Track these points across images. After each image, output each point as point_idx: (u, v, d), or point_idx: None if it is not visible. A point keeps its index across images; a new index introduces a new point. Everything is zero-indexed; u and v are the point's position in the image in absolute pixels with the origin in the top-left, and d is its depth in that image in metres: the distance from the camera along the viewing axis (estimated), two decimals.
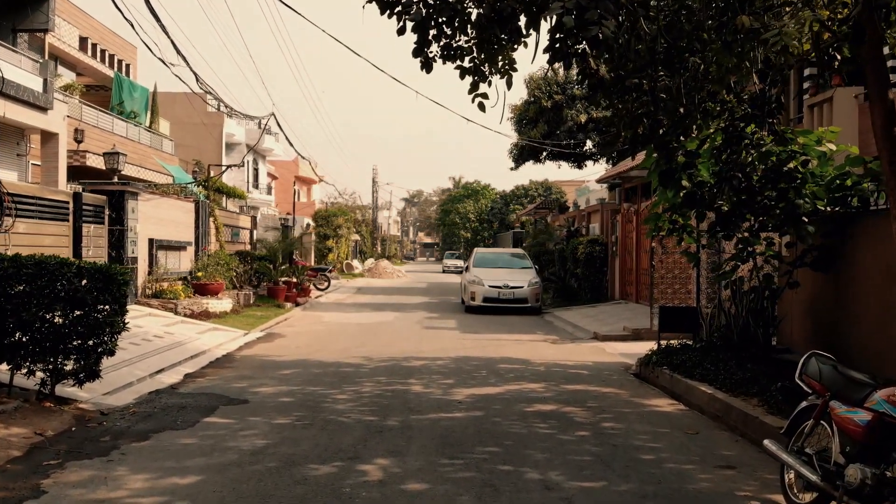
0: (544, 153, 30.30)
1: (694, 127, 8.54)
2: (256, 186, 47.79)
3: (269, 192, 51.48)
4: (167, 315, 14.66)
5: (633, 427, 7.10)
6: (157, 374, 9.69)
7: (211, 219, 19.69)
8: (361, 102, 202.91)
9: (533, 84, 27.37)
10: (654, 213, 10.01)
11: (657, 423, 7.29)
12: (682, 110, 7.82)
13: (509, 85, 7.86)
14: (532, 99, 27.40)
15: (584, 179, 52.02)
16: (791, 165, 8.38)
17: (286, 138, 26.03)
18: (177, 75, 16.62)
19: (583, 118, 25.83)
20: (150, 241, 15.86)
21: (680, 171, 9.15)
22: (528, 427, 7.01)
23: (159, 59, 13.52)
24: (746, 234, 8.96)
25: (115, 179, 15.37)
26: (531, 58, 8.02)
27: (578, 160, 30.49)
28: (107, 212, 14.49)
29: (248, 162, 46.50)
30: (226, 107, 16.92)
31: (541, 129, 27.10)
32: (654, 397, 8.71)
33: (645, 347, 12.61)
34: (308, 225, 39.39)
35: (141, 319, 13.73)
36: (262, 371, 10.09)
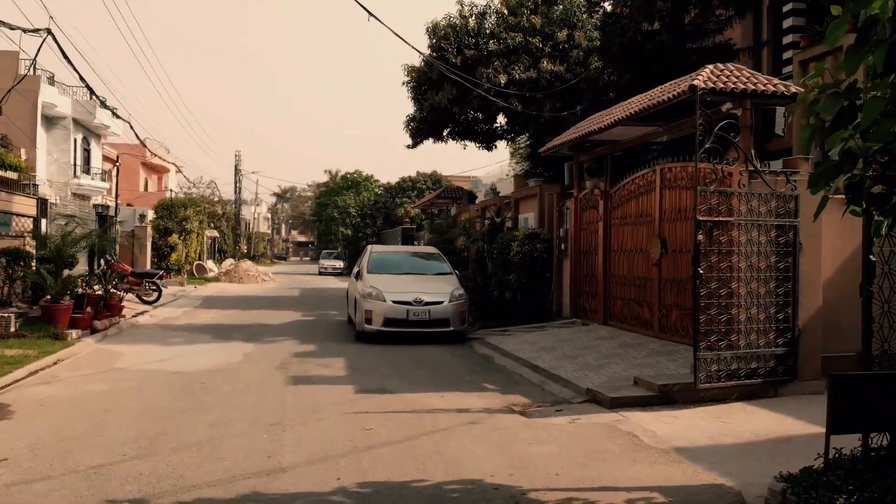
0: (447, 130, 24.21)
1: None
2: (87, 171, 38.88)
3: (104, 178, 42.49)
4: None
5: None
6: None
7: None
8: (227, 87, 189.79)
9: (438, 34, 21.25)
10: (832, 164, 4.09)
11: None
12: None
13: None
14: (436, 55, 21.27)
15: (468, 175, 46.13)
16: None
17: (79, 75, 18.34)
18: None
19: (502, 79, 19.93)
20: None
21: None
22: None
23: None
24: None
25: None
26: None
27: (488, 140, 24.61)
28: None
29: (75, 140, 37.68)
30: None
31: (447, 94, 21.00)
32: None
33: (699, 422, 6.76)
34: (143, 217, 31.34)
35: None
36: None
